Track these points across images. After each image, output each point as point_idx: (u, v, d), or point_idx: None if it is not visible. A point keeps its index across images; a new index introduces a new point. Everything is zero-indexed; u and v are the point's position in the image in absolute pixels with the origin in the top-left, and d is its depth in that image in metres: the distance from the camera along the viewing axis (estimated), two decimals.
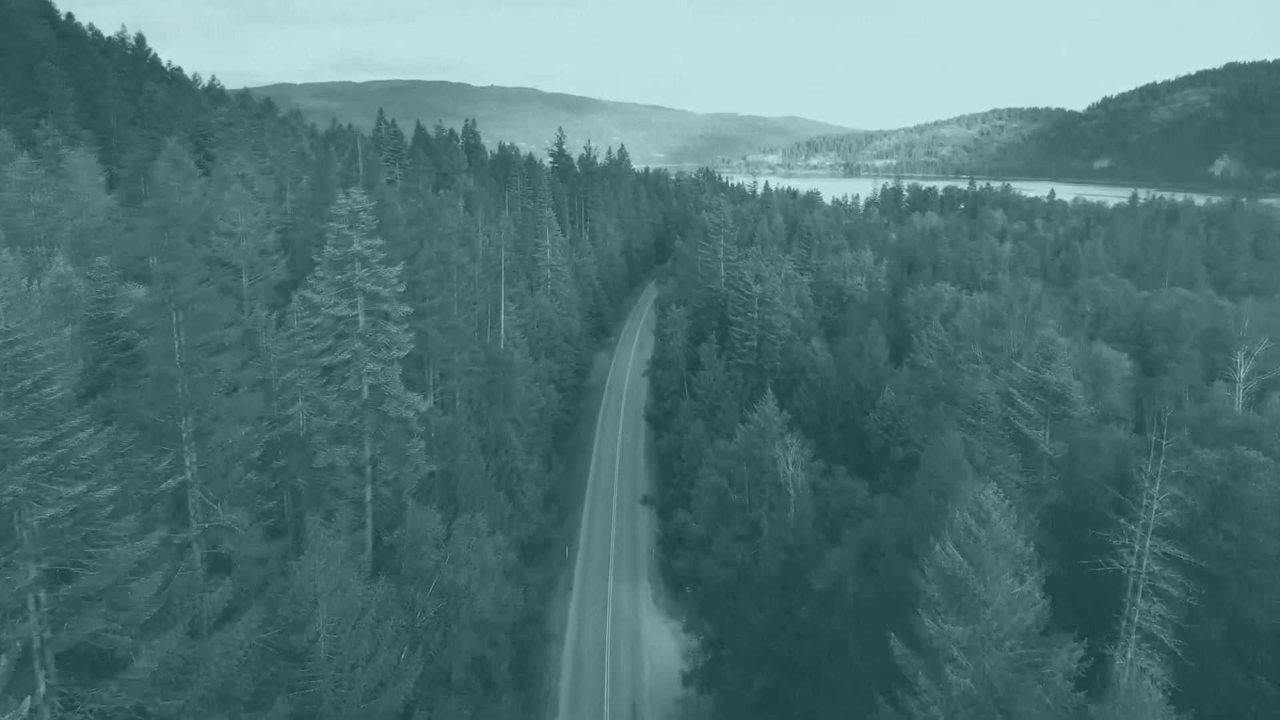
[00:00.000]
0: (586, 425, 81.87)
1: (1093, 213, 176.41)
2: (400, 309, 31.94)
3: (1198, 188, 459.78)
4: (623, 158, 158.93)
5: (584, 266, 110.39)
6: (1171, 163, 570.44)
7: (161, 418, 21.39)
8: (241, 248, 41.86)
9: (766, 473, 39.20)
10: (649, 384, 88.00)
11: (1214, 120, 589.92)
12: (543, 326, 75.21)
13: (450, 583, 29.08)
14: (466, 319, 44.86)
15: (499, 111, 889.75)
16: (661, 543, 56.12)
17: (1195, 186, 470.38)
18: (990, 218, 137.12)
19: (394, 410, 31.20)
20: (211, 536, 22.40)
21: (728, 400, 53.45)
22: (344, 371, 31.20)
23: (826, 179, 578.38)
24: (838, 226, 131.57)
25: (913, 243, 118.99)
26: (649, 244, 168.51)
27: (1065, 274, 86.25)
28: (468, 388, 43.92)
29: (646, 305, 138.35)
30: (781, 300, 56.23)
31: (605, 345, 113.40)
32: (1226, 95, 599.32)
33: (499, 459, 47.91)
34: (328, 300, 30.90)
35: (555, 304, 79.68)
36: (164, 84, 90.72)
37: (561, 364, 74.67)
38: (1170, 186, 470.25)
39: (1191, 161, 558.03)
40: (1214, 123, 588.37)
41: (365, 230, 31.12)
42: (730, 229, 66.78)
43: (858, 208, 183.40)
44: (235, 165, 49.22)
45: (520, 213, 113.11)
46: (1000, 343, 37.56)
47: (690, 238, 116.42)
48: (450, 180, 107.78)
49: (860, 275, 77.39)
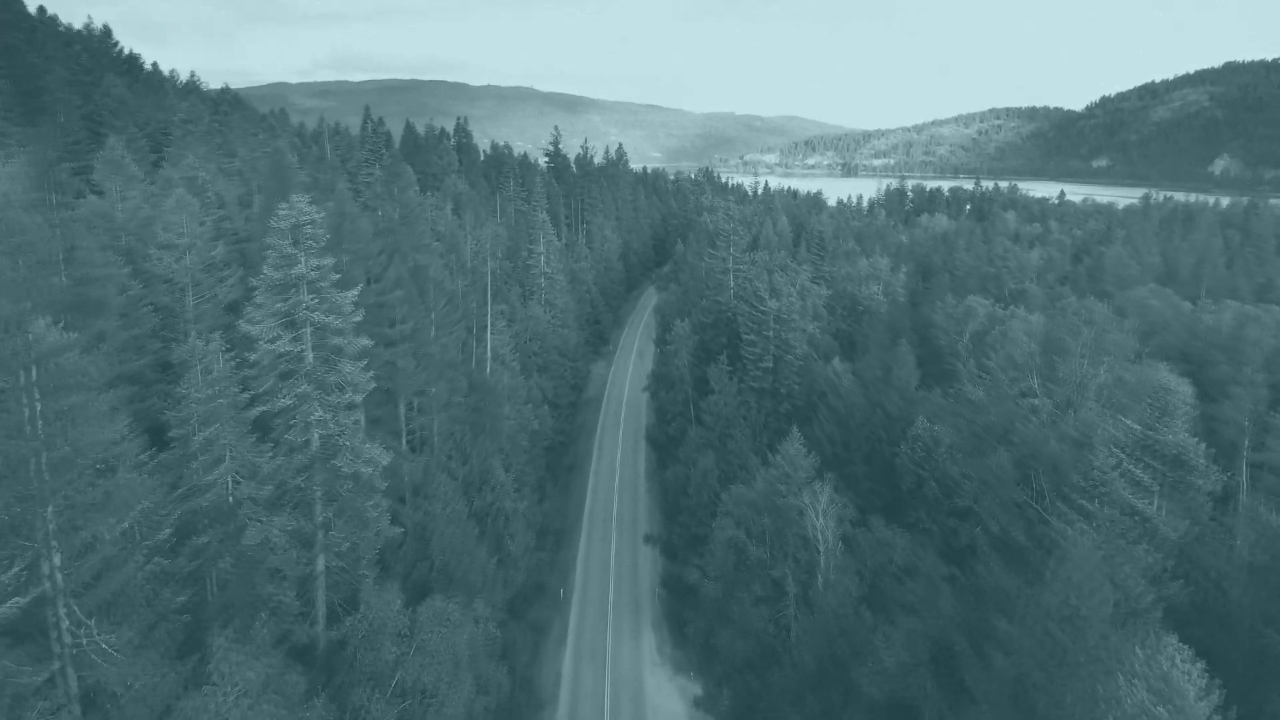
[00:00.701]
0: (583, 443, 76.26)
1: (1105, 214, 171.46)
2: (357, 342, 26.37)
3: (1197, 187, 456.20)
4: (620, 157, 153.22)
5: (581, 272, 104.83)
6: (1171, 162, 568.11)
7: (10, 511, 15.76)
8: (185, 263, 36.15)
9: (791, 524, 33.72)
10: (650, 400, 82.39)
11: (1213, 119, 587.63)
12: (536, 339, 69.64)
13: (415, 682, 23.54)
14: (445, 343, 39.25)
15: (496, 111, 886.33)
16: (665, 584, 50.59)
17: (1195, 186, 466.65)
18: (1003, 220, 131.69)
19: (349, 465, 25.63)
20: (83, 663, 16.77)
21: (740, 429, 47.94)
22: (288, 419, 25.62)
23: (824, 178, 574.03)
24: (846, 229, 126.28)
25: (925, 247, 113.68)
26: (648, 246, 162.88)
27: (1092, 281, 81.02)
28: (448, 421, 38.33)
29: (646, 311, 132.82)
30: (799, 316, 50.72)
31: (603, 354, 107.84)
32: (1225, 95, 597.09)
33: (484, 498, 42.39)
34: (267, 333, 25.30)
35: (550, 315, 74.13)
36: (128, 78, 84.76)
37: (556, 380, 69.12)
38: (1170, 186, 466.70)
39: (1191, 161, 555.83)
40: (1213, 122, 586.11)
41: (313, 247, 25.54)
42: (740, 236, 61.20)
43: (862, 209, 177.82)
44: (186, 167, 43.48)
45: (513, 216, 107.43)
46: (1063, 373, 32.23)
47: (692, 243, 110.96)
48: (439, 182, 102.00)
49: (876, 283, 71.95)
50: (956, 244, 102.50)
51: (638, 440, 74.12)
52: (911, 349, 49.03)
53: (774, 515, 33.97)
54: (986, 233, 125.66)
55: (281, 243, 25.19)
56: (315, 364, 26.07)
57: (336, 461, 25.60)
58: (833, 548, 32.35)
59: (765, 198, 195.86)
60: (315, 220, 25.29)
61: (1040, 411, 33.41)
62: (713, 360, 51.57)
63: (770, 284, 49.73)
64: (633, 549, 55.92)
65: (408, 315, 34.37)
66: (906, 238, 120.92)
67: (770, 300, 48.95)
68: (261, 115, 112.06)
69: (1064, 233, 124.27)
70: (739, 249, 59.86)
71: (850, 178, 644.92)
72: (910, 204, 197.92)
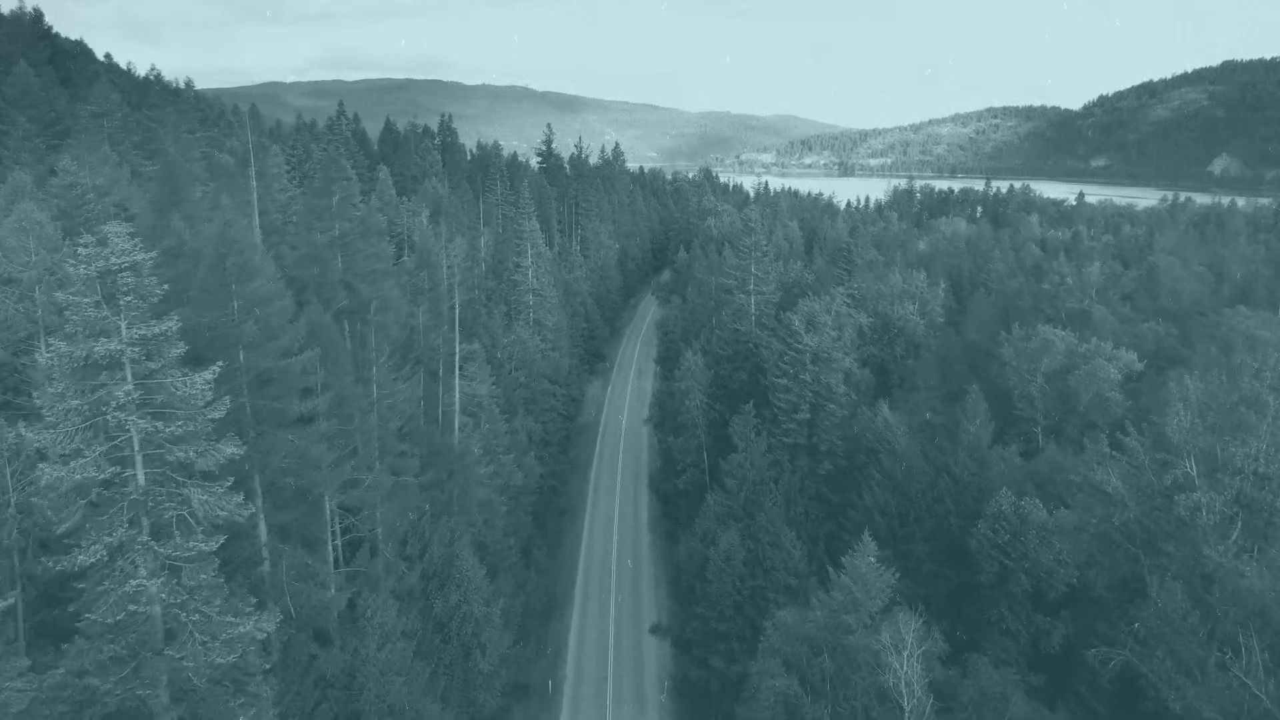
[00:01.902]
0: (577, 484, 66.42)
1: (1126, 216, 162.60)
2: (216, 451, 16.67)
3: (1198, 186, 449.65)
4: (617, 157, 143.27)
5: (575, 283, 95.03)
6: (1170, 161, 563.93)
7: None
8: (27, 305, 26.30)
9: (862, 669, 24.24)
10: (653, 436, 72.51)
11: (1212, 119, 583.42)
12: (523, 367, 59.85)
13: None
14: (393, 403, 29.49)
15: (490, 110, 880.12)
16: (678, 686, 41.12)
17: (1195, 185, 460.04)
18: (1027, 224, 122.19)
19: (197, 656, 15.96)
20: None
21: (770, 496, 38.37)
22: (101, 581, 15.94)
23: (821, 178, 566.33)
24: (864, 236, 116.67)
25: (949, 255, 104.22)
26: (646, 251, 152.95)
27: (1149, 298, 71.79)
28: (395, 511, 28.64)
29: (645, 321, 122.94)
30: (839, 352, 41.21)
31: (599, 372, 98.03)
32: (1224, 94, 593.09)
33: (447, 598, 32.79)
34: (63, 446, 15.61)
35: (539, 337, 64.29)
36: (62, 68, 74.59)
37: (546, 415, 59.38)
38: (1170, 185, 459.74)
39: (1190, 160, 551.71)
40: (1212, 121, 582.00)
41: (137, 307, 15.84)
42: (764, 251, 51.23)
43: (869, 211, 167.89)
44: (66, 170, 33.50)
45: (500, 222, 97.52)
46: (1239, 459, 22.97)
47: (697, 251, 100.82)
48: (420, 184, 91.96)
49: (911, 302, 62.38)
50: (990, 254, 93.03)
51: (639, 486, 64.36)
52: (981, 395, 39.60)
53: (838, 656, 24.49)
54: (1013, 239, 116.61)
55: (83, 300, 15.45)
56: (148, 487, 16.39)
57: (180, 651, 15.89)
58: (922, 705, 22.89)
59: (769, 199, 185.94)
60: (134, 263, 15.53)
61: (1201, 510, 23.99)
62: (734, 407, 41.92)
63: (809, 315, 40.12)
64: (635, 631, 46.36)
65: (333, 379, 24.61)
66: (926, 244, 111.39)
67: (808, 335, 39.36)
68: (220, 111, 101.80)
69: (1094, 238, 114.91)
70: (763, 267, 49.85)
71: (847, 177, 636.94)
72: (918, 205, 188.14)
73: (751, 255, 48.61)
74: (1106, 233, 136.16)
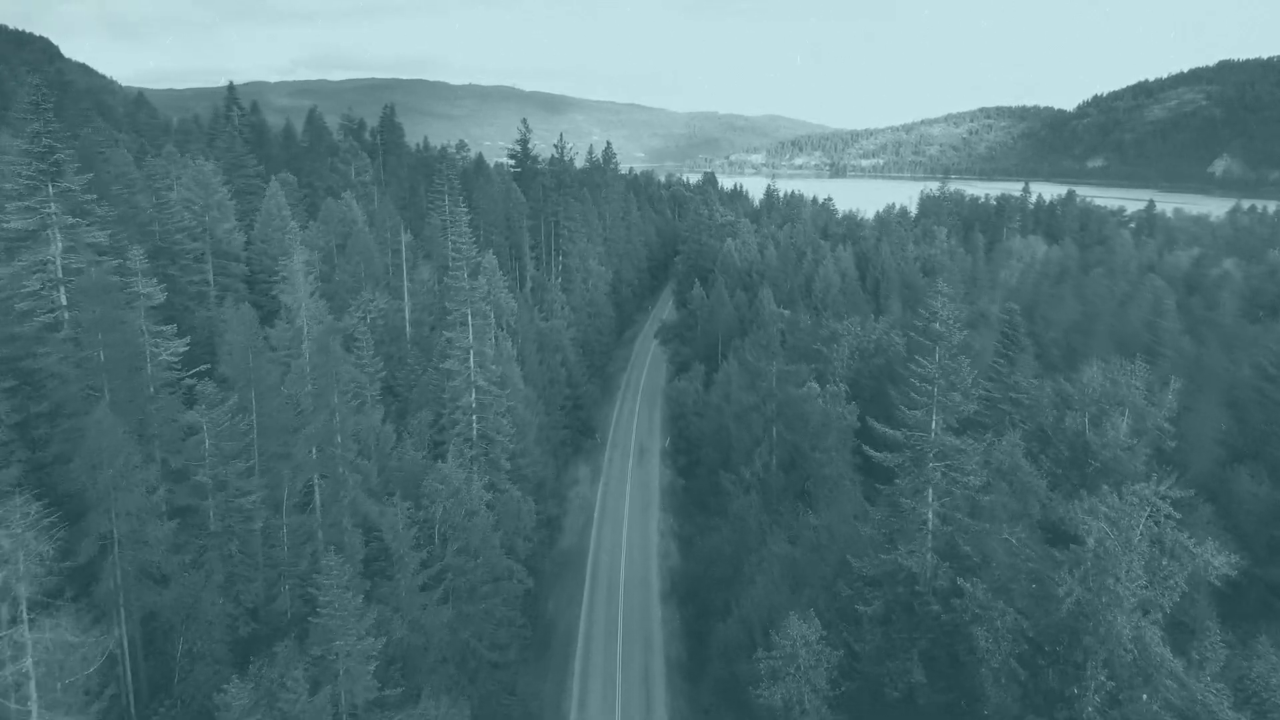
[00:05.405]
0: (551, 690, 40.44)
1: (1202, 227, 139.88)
2: None
3: (1199, 188, 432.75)
4: (609, 159, 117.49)
5: (551, 334, 69.68)
6: (1169, 162, 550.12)
7: None
8: None
9: None
10: (668, 597, 46.77)
11: (1211, 119, 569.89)
12: (456, 534, 34.39)
13: None
14: None
15: (477, 110, 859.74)
16: None
17: (1196, 187, 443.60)
18: (1123, 243, 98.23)
19: None
20: None
21: None
22: None
23: (812, 179, 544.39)
24: (909, 261, 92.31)
25: (1034, 292, 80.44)
26: (643, 272, 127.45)
27: None
28: None
29: (644, 364, 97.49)
30: None
31: (586, 452, 72.49)
32: (1222, 93, 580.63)
33: None
34: None
35: (483, 470, 38.49)
36: None
37: (493, 622, 33.91)
38: (1170, 187, 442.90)
39: (1189, 161, 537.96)
40: (1211, 121, 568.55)
41: None
42: (946, 379, 23.29)
43: (905, 218, 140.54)
44: None
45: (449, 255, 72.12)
46: None
47: (721, 294, 74.31)
48: (336, 195, 66.04)
49: (1121, 413, 38.27)
50: (1104, 293, 68.98)
51: (651, 687, 38.77)
52: None
53: None
54: (1106, 261, 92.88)
55: None
56: None
57: None
58: None
59: (782, 206, 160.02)
60: None
61: None
62: None
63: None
64: None
65: None
66: (1004, 273, 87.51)
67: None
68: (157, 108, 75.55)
69: (1210, 262, 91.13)
70: (949, 413, 22.09)
71: (839, 178, 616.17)
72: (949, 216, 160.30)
73: (932, 403, 21.69)
74: (1189, 248, 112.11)
